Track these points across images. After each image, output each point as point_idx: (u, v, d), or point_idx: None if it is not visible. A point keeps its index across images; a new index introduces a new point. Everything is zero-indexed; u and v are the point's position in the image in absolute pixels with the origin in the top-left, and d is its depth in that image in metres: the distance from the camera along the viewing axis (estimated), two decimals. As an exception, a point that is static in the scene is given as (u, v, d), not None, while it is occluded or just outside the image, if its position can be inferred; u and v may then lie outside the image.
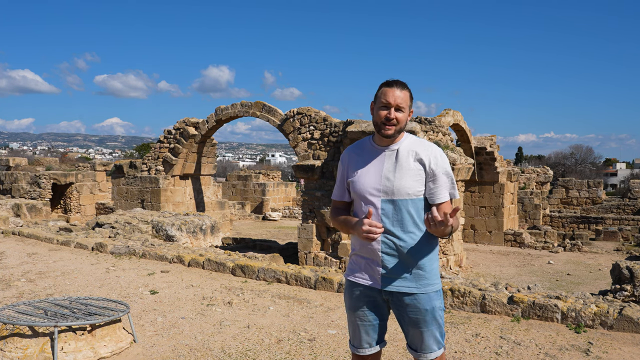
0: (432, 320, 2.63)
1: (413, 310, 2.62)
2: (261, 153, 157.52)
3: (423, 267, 2.59)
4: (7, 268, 7.88)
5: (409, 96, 2.60)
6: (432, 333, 2.65)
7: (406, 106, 2.58)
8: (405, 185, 2.55)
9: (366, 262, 2.66)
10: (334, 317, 5.45)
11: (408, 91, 2.61)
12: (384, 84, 2.61)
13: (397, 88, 2.57)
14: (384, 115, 2.56)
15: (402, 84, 2.61)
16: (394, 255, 2.58)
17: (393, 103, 2.55)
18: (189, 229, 10.98)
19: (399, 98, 2.55)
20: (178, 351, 4.47)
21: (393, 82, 2.60)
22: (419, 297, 2.60)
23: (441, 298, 2.69)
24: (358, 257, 2.70)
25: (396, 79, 2.63)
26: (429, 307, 2.61)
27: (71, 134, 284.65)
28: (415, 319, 2.63)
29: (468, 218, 16.51)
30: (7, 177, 20.72)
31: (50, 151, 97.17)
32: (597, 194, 23.61)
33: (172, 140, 16.04)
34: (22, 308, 4.49)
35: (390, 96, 2.56)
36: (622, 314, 4.89)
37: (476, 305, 5.57)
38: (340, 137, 12.02)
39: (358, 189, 2.64)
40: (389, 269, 2.59)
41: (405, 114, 2.59)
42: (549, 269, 12.45)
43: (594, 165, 54.11)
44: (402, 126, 2.59)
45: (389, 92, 2.57)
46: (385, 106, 2.57)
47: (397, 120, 2.56)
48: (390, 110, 2.55)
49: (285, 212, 25.99)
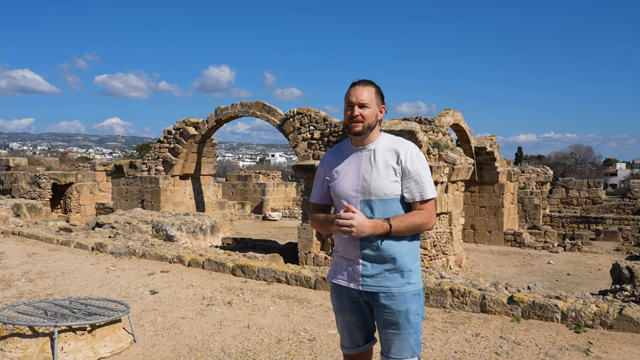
0: (406, 323, 2.58)
1: (388, 312, 2.59)
2: (261, 153, 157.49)
3: (402, 268, 2.57)
4: (7, 268, 7.89)
5: (374, 92, 2.62)
6: (405, 338, 2.59)
7: (371, 102, 2.59)
8: (382, 186, 2.55)
9: (347, 263, 2.66)
10: (334, 317, 5.44)
11: (373, 87, 2.63)
12: (350, 85, 2.66)
13: (359, 86, 2.62)
14: (349, 114, 2.61)
15: (365, 81, 2.64)
16: (373, 255, 2.57)
17: (355, 101, 2.58)
18: (189, 229, 10.98)
19: (361, 95, 2.58)
20: (178, 351, 4.47)
21: (356, 82, 2.64)
22: (395, 297, 2.57)
23: (419, 302, 2.63)
24: (340, 258, 2.71)
25: (363, 78, 2.66)
26: (403, 309, 2.56)
27: (71, 134, 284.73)
28: (389, 321, 2.60)
29: (468, 218, 16.51)
30: (7, 177, 20.72)
31: (50, 151, 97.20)
32: (597, 194, 23.62)
33: (172, 140, 16.04)
34: (22, 308, 4.49)
35: (352, 95, 2.60)
36: (622, 314, 4.89)
37: (476, 305, 5.57)
38: (340, 137, 12.02)
39: (338, 191, 2.66)
40: (368, 270, 2.58)
41: (372, 109, 2.60)
42: (549, 269, 12.45)
43: (594, 165, 54.12)
44: (369, 122, 2.60)
45: (351, 91, 2.62)
46: (350, 105, 2.61)
47: (362, 117, 2.57)
48: (354, 108, 2.58)
49: (285, 212, 25.99)
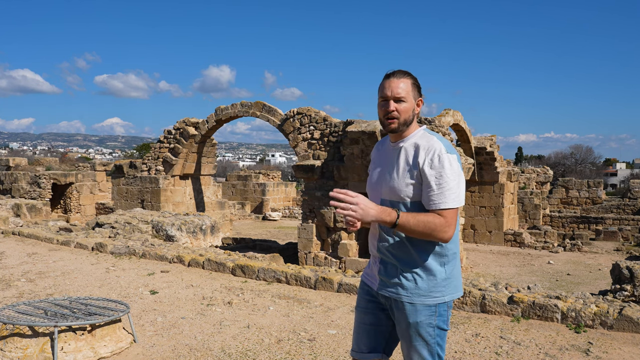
0: (416, 336, 2.38)
1: (399, 321, 2.44)
2: (261, 153, 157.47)
3: (417, 277, 2.37)
4: (7, 268, 7.88)
5: (410, 84, 2.41)
6: (417, 350, 2.41)
7: (407, 95, 2.38)
8: (398, 188, 2.38)
9: (373, 260, 2.57)
10: (334, 317, 5.45)
11: (409, 79, 2.42)
12: (384, 77, 2.45)
13: (395, 78, 2.40)
14: (384, 110, 2.41)
15: (401, 72, 2.43)
16: (389, 258, 2.43)
17: (390, 95, 2.38)
18: (189, 229, 10.98)
19: (397, 88, 2.38)
20: (178, 351, 4.47)
21: (391, 73, 2.43)
22: (405, 307, 2.38)
23: (434, 315, 2.38)
24: (371, 255, 2.60)
25: (398, 69, 2.45)
26: (412, 321, 2.37)
27: (71, 134, 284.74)
28: (400, 331, 2.45)
29: (468, 218, 16.50)
30: (7, 177, 20.71)
31: (50, 151, 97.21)
32: (597, 194, 23.61)
33: (172, 140, 16.03)
34: (22, 308, 4.49)
35: (387, 89, 2.40)
36: (622, 314, 4.89)
37: (476, 305, 5.56)
38: (340, 137, 12.02)
39: (367, 187, 2.59)
40: (384, 272, 2.46)
41: (408, 103, 2.39)
42: (549, 269, 12.44)
43: (594, 165, 54.12)
44: (406, 118, 2.39)
45: (386, 84, 2.41)
46: (384, 100, 2.41)
47: (398, 112, 2.38)
48: (389, 103, 2.38)
49: (285, 212, 25.98)
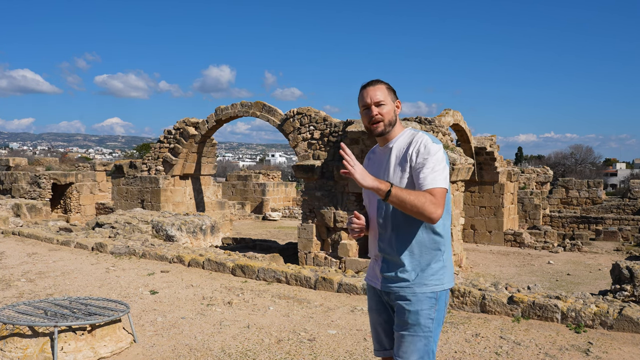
0: (416, 325, 2.47)
1: (400, 312, 2.52)
2: (261, 153, 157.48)
3: (416, 268, 2.50)
4: (7, 268, 7.88)
5: (385, 88, 2.58)
6: (414, 341, 2.47)
7: (386, 99, 2.56)
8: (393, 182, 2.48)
9: (374, 263, 2.69)
10: (333, 317, 5.45)
11: (383, 84, 2.60)
12: (360, 89, 2.63)
13: (370, 87, 2.58)
14: (368, 117, 2.57)
15: (375, 81, 2.61)
16: (389, 254, 2.55)
17: (370, 102, 2.55)
18: (189, 229, 10.98)
19: (374, 95, 2.55)
20: (178, 351, 4.47)
21: (366, 84, 2.61)
22: (408, 297, 2.49)
23: (436, 307, 2.50)
24: (371, 258, 2.73)
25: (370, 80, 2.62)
26: (414, 309, 2.47)
27: (71, 134, 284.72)
28: (400, 320, 2.52)
29: (468, 218, 16.50)
30: (7, 177, 20.71)
31: (50, 151, 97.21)
32: (597, 194, 23.61)
33: (172, 140, 16.03)
34: (22, 308, 4.49)
35: (366, 97, 2.57)
36: (622, 314, 4.89)
37: (476, 305, 5.57)
38: (340, 137, 12.02)
39: (364, 191, 2.67)
40: (386, 269, 2.57)
41: (389, 106, 2.56)
42: (549, 269, 12.44)
43: (594, 165, 54.13)
44: (390, 119, 2.56)
45: (364, 93, 2.58)
46: (366, 108, 2.57)
47: (381, 114, 2.54)
48: (371, 109, 2.55)
49: (285, 212, 25.98)
